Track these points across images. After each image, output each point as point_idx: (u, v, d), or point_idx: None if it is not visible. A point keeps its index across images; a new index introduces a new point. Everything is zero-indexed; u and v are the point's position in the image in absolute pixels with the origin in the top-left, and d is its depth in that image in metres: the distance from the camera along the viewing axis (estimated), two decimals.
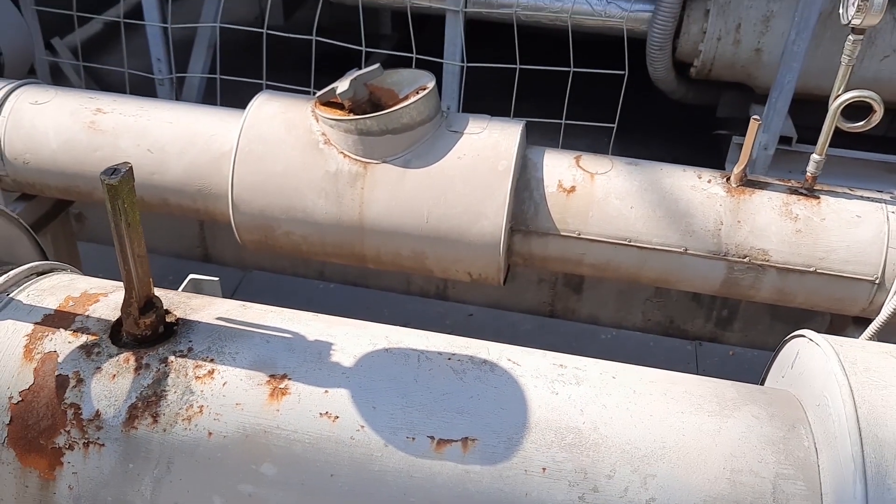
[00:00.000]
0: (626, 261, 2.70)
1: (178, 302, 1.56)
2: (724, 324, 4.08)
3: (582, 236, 2.67)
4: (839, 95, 2.48)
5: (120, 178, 1.27)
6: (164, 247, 4.46)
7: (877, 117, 2.47)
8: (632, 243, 2.64)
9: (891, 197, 2.65)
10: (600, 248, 2.68)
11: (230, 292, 4.26)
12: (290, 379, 1.41)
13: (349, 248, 2.77)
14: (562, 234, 2.68)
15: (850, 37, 2.44)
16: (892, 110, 4.15)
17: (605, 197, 2.66)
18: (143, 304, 1.44)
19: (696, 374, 3.92)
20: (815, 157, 2.60)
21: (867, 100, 2.44)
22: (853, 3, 2.38)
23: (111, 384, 1.41)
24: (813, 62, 3.55)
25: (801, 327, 4.02)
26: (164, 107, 2.91)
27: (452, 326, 4.19)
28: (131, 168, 1.31)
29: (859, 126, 2.52)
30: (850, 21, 2.40)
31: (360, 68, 2.68)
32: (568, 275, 4.08)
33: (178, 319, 1.52)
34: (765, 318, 4.00)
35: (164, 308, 1.51)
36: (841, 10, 2.45)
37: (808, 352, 1.48)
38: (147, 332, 1.46)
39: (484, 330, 4.18)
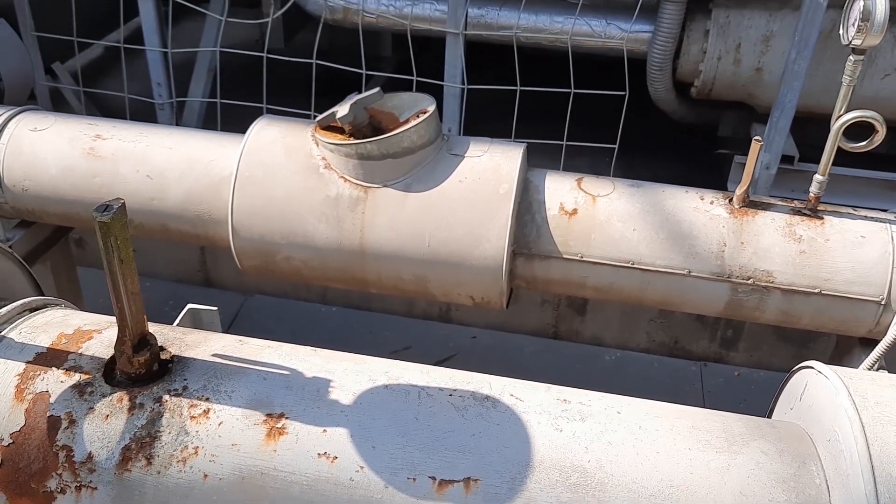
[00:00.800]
0: (629, 283, 2.67)
1: (173, 338, 1.53)
2: (728, 344, 4.05)
3: (584, 259, 2.65)
4: (841, 115, 2.46)
5: (112, 214, 1.25)
6: (165, 272, 4.45)
7: (879, 137, 2.45)
8: (635, 266, 2.62)
9: (895, 216, 2.63)
10: (603, 271, 2.66)
11: (231, 317, 4.23)
12: (287, 418, 1.38)
13: (350, 273, 2.75)
14: (564, 257, 2.66)
15: (850, 57, 2.43)
16: (893, 129, 4.15)
17: (608, 219, 2.64)
18: (136, 342, 1.41)
19: (702, 394, 3.90)
20: (817, 177, 2.58)
21: (869, 120, 2.42)
22: (853, 24, 2.37)
23: (104, 425, 1.38)
24: (814, 81, 3.55)
25: (807, 348, 4.00)
26: (163, 132, 2.91)
27: (456, 349, 4.17)
28: (124, 204, 1.29)
29: (862, 146, 2.50)
30: (850, 42, 2.39)
31: (361, 92, 2.68)
32: (571, 296, 4.05)
33: (173, 357, 1.49)
34: (770, 339, 3.97)
35: (159, 345, 1.49)
36: (841, 31, 2.44)
37: (816, 384, 1.45)
38: (141, 371, 1.43)
39: (488, 353, 4.15)
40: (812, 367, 1.49)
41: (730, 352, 4.07)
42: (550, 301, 4.15)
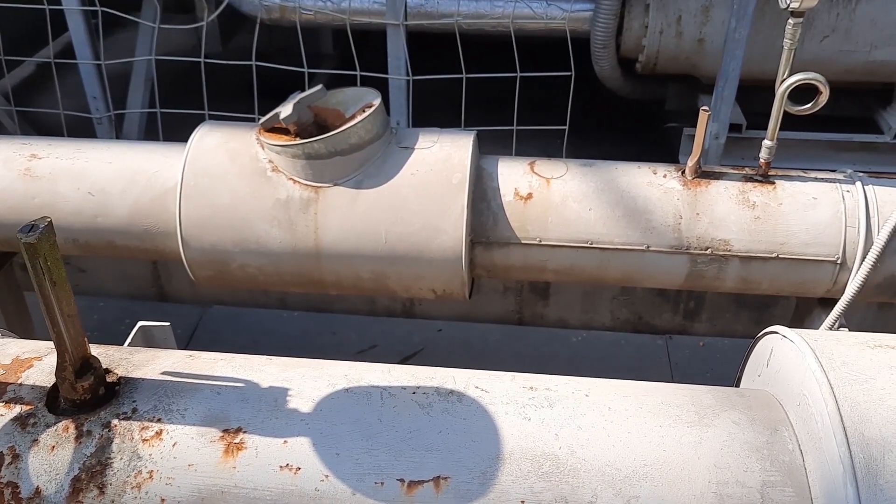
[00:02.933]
0: (589, 263, 2.66)
1: (119, 359, 1.47)
2: (691, 316, 4.08)
3: (543, 243, 2.63)
4: (785, 79, 2.48)
5: (38, 234, 1.18)
6: (117, 290, 4.33)
7: (823, 98, 2.48)
8: (593, 245, 2.61)
9: (844, 176, 2.66)
10: (562, 253, 2.65)
11: (190, 331, 4.13)
12: (245, 432, 1.32)
13: (307, 276, 2.69)
14: (523, 242, 2.64)
15: (789, 20, 2.44)
16: (836, 89, 4.22)
17: (563, 201, 2.63)
18: (78, 367, 1.34)
19: (669, 367, 3.93)
20: (766, 142, 2.60)
21: (813, 82, 2.44)
22: None
23: (50, 457, 1.32)
24: (755, 48, 3.58)
25: (767, 313, 4.06)
26: (101, 147, 2.81)
27: (422, 344, 4.13)
28: (50, 223, 1.21)
29: (807, 109, 2.52)
30: (788, 5, 2.40)
31: (304, 91, 2.62)
32: (533, 281, 4.04)
33: (119, 378, 1.42)
34: (731, 307, 4.01)
35: (104, 367, 1.42)
36: None
37: (782, 349, 1.44)
38: (86, 396, 1.36)
39: (454, 344, 4.12)
40: (777, 332, 1.49)
41: (693, 323, 4.11)
42: (513, 288, 4.14)
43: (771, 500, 1.22)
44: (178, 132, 3.10)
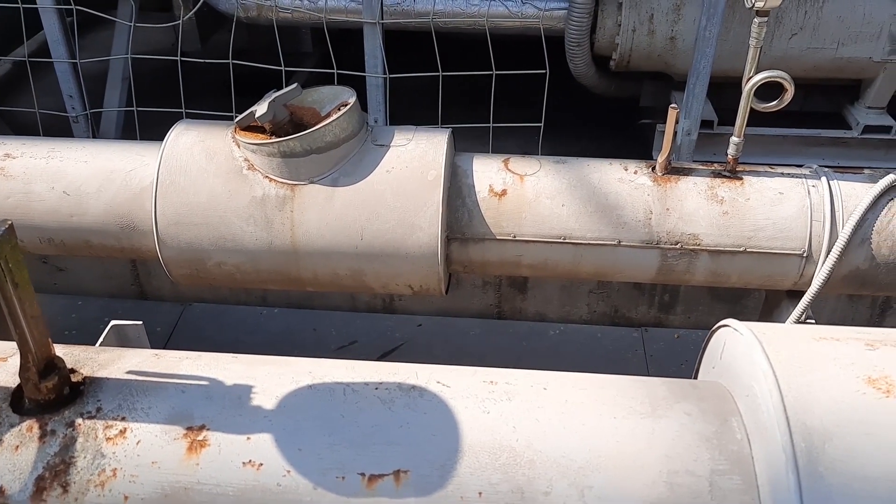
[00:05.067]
0: (562, 258, 2.71)
1: (85, 359, 1.49)
2: (666, 308, 4.15)
3: (517, 238, 2.67)
4: (750, 77, 2.53)
5: None
6: (97, 289, 4.32)
7: (788, 96, 2.53)
8: (567, 240, 2.66)
9: (810, 171, 2.73)
10: (536, 248, 2.69)
11: (170, 329, 4.14)
12: (208, 429, 1.35)
13: (285, 273, 2.72)
14: (498, 237, 2.68)
15: (755, 19, 2.50)
16: (805, 86, 4.30)
17: (537, 197, 2.67)
18: (42, 367, 1.36)
19: (645, 359, 4.00)
20: (734, 139, 2.66)
21: (778, 80, 2.50)
22: None
23: (14, 456, 1.34)
24: (725, 46, 3.64)
25: (740, 305, 4.12)
26: (76, 146, 2.81)
27: (402, 339, 4.16)
28: (11, 225, 1.22)
29: (772, 106, 2.58)
30: (753, 4, 2.46)
31: (280, 89, 2.64)
32: (512, 276, 4.09)
33: (84, 378, 1.44)
34: (705, 299, 4.08)
35: (69, 367, 1.44)
36: None
37: (733, 341, 1.49)
38: (50, 396, 1.38)
39: (434, 339, 4.16)
40: (728, 326, 1.54)
41: (668, 315, 4.17)
42: (492, 282, 4.18)
43: (719, 487, 1.27)
44: (156, 131, 3.11)
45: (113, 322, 1.78)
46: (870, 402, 1.28)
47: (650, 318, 4.19)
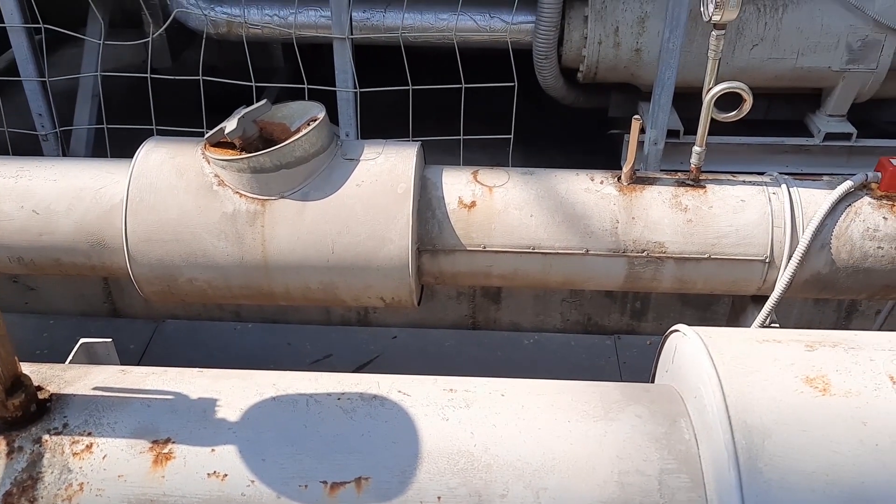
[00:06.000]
0: (532, 268, 2.75)
1: (51, 376, 1.51)
2: (638, 316, 4.21)
3: (487, 249, 2.71)
4: (710, 89, 2.60)
5: None
6: (69, 308, 4.30)
7: (747, 106, 2.60)
8: (535, 250, 2.70)
9: (771, 178, 2.79)
10: (506, 259, 2.73)
11: (143, 346, 4.12)
12: (174, 442, 1.38)
13: (257, 288, 2.73)
14: (468, 249, 2.71)
15: (713, 32, 2.57)
16: (768, 95, 4.40)
17: (505, 208, 2.71)
18: (9, 385, 1.37)
19: (618, 366, 4.05)
20: (696, 148, 2.72)
21: (737, 90, 2.56)
22: (712, 1, 2.50)
23: None
24: (689, 57, 3.72)
25: (709, 310, 4.19)
26: (45, 164, 2.81)
27: (377, 351, 4.18)
28: None
29: (732, 116, 2.64)
30: (710, 18, 2.52)
31: (249, 105, 2.66)
32: (485, 286, 4.13)
33: (51, 395, 1.46)
34: (675, 306, 4.14)
35: (36, 385, 1.46)
36: (702, 9, 2.58)
37: (683, 346, 1.54)
38: (17, 414, 1.40)
39: (409, 351, 4.18)
40: (679, 331, 1.59)
41: (640, 322, 4.23)
42: (466, 293, 4.21)
43: (668, 486, 1.32)
44: (126, 148, 3.11)
45: (82, 340, 1.79)
46: (807, 400, 1.34)
47: (622, 325, 4.25)
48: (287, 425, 1.41)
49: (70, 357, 1.74)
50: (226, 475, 1.35)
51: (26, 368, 1.45)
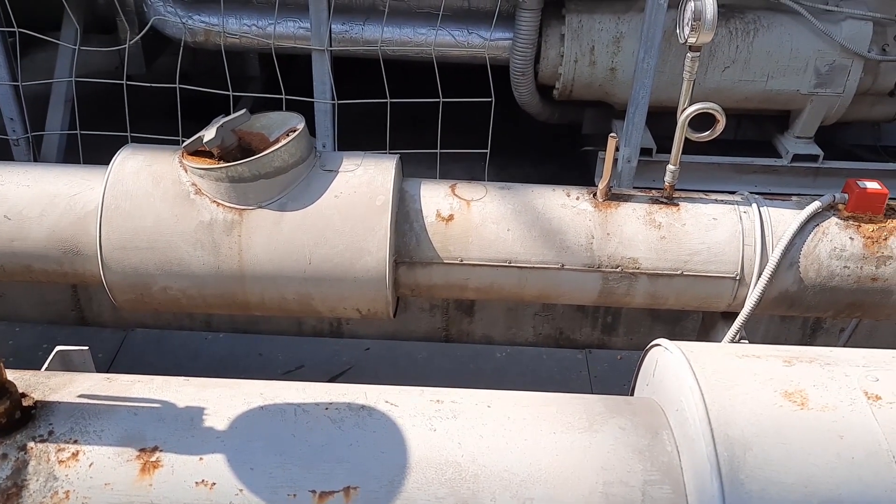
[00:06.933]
0: (508, 281, 2.77)
1: (36, 383, 1.49)
2: (609, 330, 4.25)
3: (464, 262, 2.73)
4: (685, 109, 2.65)
5: None
6: (36, 315, 4.22)
7: (720, 127, 2.66)
8: (512, 264, 2.72)
9: (742, 198, 2.86)
10: (482, 272, 2.75)
11: (111, 355, 4.06)
12: (161, 450, 1.37)
13: (231, 298, 2.71)
14: (445, 261, 2.73)
15: (688, 54, 2.63)
16: (738, 116, 4.50)
17: (483, 222, 2.74)
18: None
19: (589, 380, 4.09)
20: (670, 167, 2.77)
21: (710, 111, 2.62)
22: (688, 24, 2.57)
23: None
24: (663, 77, 3.79)
25: (679, 326, 4.25)
26: (17, 170, 2.77)
27: (350, 362, 4.17)
28: None
29: (706, 136, 2.70)
30: (686, 40, 2.59)
31: (230, 114, 2.65)
32: (458, 299, 4.14)
33: (36, 402, 1.45)
34: (646, 321, 4.20)
35: (20, 392, 1.44)
36: (678, 31, 2.64)
37: (664, 359, 1.58)
38: (1, 421, 1.38)
39: (381, 363, 4.17)
40: (660, 345, 1.62)
41: (611, 337, 4.28)
42: (439, 305, 4.22)
43: (651, 497, 1.34)
44: (99, 154, 3.08)
45: (59, 347, 1.76)
46: (786, 414, 1.38)
47: (594, 339, 4.29)
48: (275, 434, 1.41)
49: (46, 365, 1.71)
50: (214, 484, 1.34)
51: (10, 375, 1.43)
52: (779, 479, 1.28)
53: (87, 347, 1.79)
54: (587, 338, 4.28)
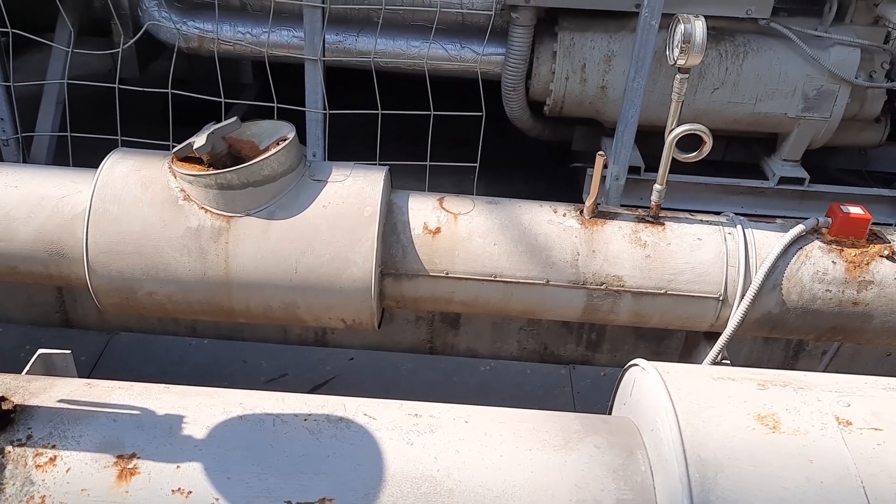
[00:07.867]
0: (493, 296, 2.79)
1: (16, 387, 1.49)
2: (593, 346, 4.27)
3: (450, 275, 2.74)
4: (672, 129, 2.68)
5: None
6: (19, 316, 4.20)
7: (707, 148, 2.69)
8: (497, 279, 2.74)
9: (727, 219, 2.89)
10: (468, 286, 2.76)
11: (95, 358, 4.04)
12: (139, 457, 1.37)
13: (217, 304, 2.72)
14: (431, 274, 2.74)
15: (677, 76, 2.66)
16: (726, 137, 4.54)
17: (469, 236, 2.75)
18: None
19: (572, 396, 4.10)
20: (656, 186, 2.80)
21: (698, 132, 2.65)
22: (677, 46, 2.60)
23: None
24: (652, 97, 3.83)
25: (662, 344, 4.27)
26: (6, 170, 2.77)
27: (334, 372, 4.16)
28: None
29: (693, 157, 2.73)
30: (675, 62, 2.62)
31: (221, 120, 2.66)
32: (444, 311, 4.15)
33: (15, 406, 1.44)
34: (630, 339, 4.22)
35: (0, 395, 1.43)
36: (667, 52, 2.67)
37: (641, 380, 1.59)
38: None
39: (365, 373, 4.17)
40: (637, 365, 1.64)
41: (595, 354, 4.29)
42: (424, 317, 4.23)
43: None
44: (89, 157, 3.08)
45: (41, 350, 1.76)
46: (758, 437, 1.40)
47: (578, 355, 4.31)
48: (253, 444, 1.41)
49: (27, 368, 1.71)
50: (190, 492, 1.34)
51: None
52: (749, 501, 1.29)
53: (69, 351, 1.78)
54: (572, 354, 4.30)
